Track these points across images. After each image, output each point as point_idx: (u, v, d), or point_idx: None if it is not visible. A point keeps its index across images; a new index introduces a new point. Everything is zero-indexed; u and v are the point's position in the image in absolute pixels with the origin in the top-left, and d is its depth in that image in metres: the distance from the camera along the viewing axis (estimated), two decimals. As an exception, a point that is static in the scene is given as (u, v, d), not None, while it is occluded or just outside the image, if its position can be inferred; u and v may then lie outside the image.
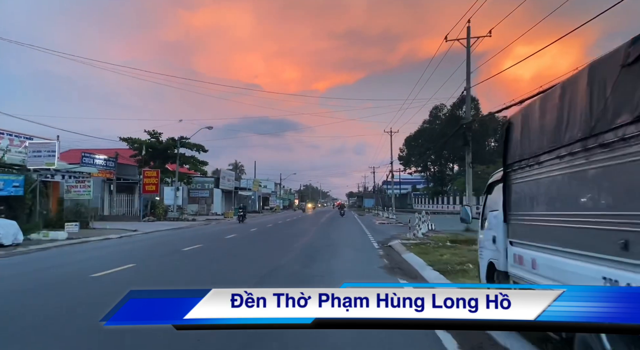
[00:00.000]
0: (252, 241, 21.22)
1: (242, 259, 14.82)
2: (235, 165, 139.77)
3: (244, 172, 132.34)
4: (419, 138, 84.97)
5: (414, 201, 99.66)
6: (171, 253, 15.71)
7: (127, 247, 18.11)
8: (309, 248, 17.30)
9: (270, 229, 29.13)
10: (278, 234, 25.17)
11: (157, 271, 11.65)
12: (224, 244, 19.43)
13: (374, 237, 22.44)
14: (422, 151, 72.45)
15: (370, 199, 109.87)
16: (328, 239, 21.41)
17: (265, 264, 12.50)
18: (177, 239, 21.50)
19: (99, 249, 16.96)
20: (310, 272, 11.09)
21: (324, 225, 33.33)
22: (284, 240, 21.15)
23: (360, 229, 29.63)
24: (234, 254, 15.96)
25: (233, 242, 20.55)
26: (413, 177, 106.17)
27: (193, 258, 14.37)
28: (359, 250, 16.75)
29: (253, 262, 13.47)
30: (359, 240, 21.63)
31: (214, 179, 56.80)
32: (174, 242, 19.88)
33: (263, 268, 11.72)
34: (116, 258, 13.99)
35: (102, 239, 20.38)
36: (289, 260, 13.69)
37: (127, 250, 16.77)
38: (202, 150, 40.67)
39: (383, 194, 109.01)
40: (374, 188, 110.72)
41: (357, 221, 41.75)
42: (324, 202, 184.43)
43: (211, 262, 13.64)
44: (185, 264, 12.92)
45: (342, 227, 31.67)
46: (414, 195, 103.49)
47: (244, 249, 17.64)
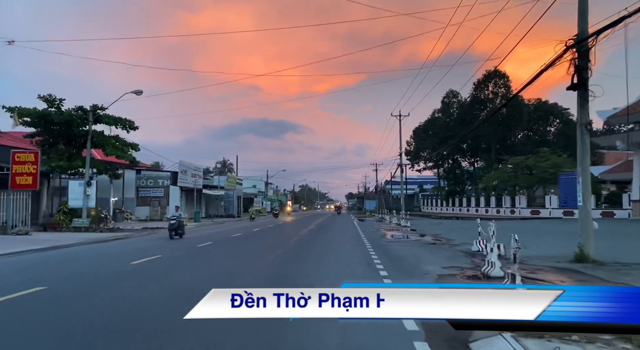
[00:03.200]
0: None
1: None
2: (224, 163, 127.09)
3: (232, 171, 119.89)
4: (429, 129, 72.21)
5: (422, 203, 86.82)
6: None
7: None
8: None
9: (189, 256, 16.48)
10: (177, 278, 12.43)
11: None
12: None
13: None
14: (435, 143, 59.64)
15: (372, 201, 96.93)
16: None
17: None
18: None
19: None
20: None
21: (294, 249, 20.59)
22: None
23: (362, 255, 16.83)
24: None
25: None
26: (420, 177, 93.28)
27: None
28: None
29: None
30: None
31: (170, 174, 43.94)
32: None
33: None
34: None
35: None
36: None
37: None
38: (128, 126, 27.86)
39: (387, 195, 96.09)
40: (376, 188, 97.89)
41: (356, 232, 28.80)
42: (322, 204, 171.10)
43: None
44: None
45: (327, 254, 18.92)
46: (422, 196, 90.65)
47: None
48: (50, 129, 26.01)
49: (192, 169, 47.03)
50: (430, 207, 78.94)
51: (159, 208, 43.52)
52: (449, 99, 70.67)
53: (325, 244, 18.91)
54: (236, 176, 63.54)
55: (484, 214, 51.90)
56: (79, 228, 25.50)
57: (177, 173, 43.51)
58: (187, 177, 45.21)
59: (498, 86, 54.34)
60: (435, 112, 73.05)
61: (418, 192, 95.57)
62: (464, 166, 69.33)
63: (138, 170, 43.56)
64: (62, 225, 25.70)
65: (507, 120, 50.70)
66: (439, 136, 60.51)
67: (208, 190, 48.48)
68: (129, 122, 28.05)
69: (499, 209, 49.24)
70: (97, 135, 26.83)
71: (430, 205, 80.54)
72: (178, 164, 43.78)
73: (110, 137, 27.49)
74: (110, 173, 30.31)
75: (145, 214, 43.46)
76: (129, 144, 28.25)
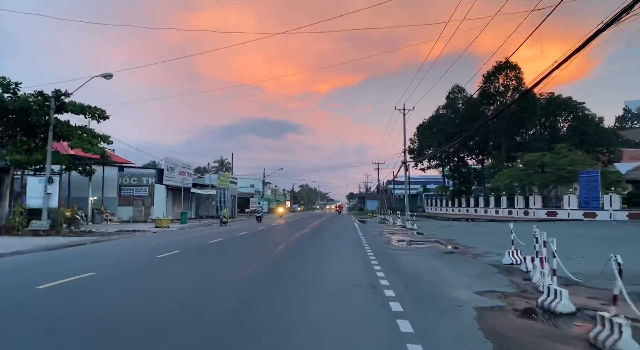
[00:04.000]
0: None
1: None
2: (221, 162, 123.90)
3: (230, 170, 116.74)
4: (433, 126, 68.67)
5: (425, 203, 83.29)
6: None
7: None
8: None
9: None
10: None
11: None
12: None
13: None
14: (441, 140, 56.07)
15: (374, 201, 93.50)
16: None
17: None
18: None
19: None
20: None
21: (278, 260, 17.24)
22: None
23: (364, 271, 13.41)
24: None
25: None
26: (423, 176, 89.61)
27: None
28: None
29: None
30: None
31: (155, 171, 40.52)
32: None
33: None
34: None
35: None
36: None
37: None
38: (98, 115, 24.40)
39: (389, 195, 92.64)
40: (378, 188, 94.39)
41: (356, 237, 25.37)
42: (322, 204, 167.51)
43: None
44: None
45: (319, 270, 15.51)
46: (426, 197, 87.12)
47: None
48: (7, 118, 22.58)
49: (180, 166, 43.62)
50: (435, 208, 75.41)
51: (143, 208, 40.12)
52: (455, 94, 67.23)
53: (318, 254, 15.45)
54: (229, 174, 60.05)
55: (494, 215, 48.44)
56: (37, 231, 22.06)
57: (163, 170, 40.10)
58: (175, 175, 41.82)
59: (509, 78, 50.75)
60: (439, 108, 69.61)
61: (421, 192, 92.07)
62: (470, 165, 65.77)
63: (120, 167, 40.18)
64: (18, 228, 22.28)
65: (520, 115, 47.16)
66: (445, 132, 56.97)
67: (197, 189, 45.01)
68: (99, 110, 24.58)
69: (510, 210, 45.75)
70: (60, 126, 23.37)
71: (434, 206, 77.02)
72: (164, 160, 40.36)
73: (77, 128, 24.02)
74: (81, 169, 26.84)
75: (129, 214, 40.07)
76: (99, 135, 24.76)
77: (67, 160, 24.60)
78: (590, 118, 52.81)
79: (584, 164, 38.18)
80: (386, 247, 17.73)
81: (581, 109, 52.88)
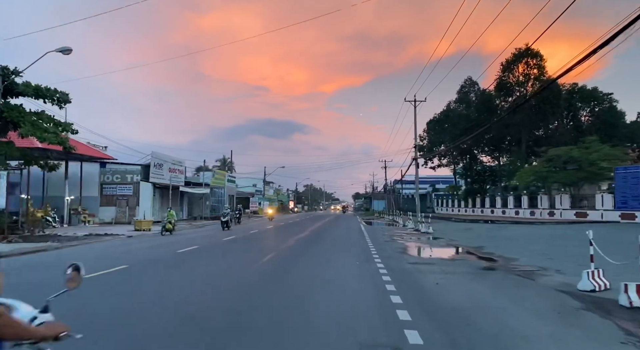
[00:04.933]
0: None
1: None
2: (223, 161, 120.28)
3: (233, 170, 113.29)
4: (445, 121, 64.56)
5: (435, 203, 79.09)
6: None
7: None
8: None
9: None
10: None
11: None
12: None
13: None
14: (455, 135, 51.88)
15: (381, 201, 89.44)
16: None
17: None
18: None
19: None
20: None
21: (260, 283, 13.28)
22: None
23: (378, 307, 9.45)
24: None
25: None
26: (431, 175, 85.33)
27: None
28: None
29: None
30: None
31: (140, 167, 36.75)
32: None
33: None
34: None
35: None
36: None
37: None
38: (58, 99, 20.63)
39: (396, 195, 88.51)
40: (385, 187, 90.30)
41: (362, 244, 21.46)
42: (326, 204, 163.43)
43: None
44: None
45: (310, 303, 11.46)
46: (436, 196, 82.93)
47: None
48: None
49: (170, 163, 39.84)
50: (446, 208, 71.27)
51: (127, 208, 36.38)
52: (467, 87, 63.09)
53: (314, 271, 11.54)
54: (226, 172, 56.21)
55: (515, 216, 44.31)
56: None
57: (149, 167, 36.36)
58: (163, 172, 38.05)
59: (530, 67, 46.45)
60: (450, 103, 65.53)
61: (431, 192, 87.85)
62: (485, 162, 61.56)
63: (102, 163, 36.49)
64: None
65: (543, 106, 42.91)
66: (459, 127, 52.78)
67: (188, 188, 41.18)
68: (60, 93, 20.82)
69: (533, 211, 41.56)
70: (9, 110, 19.59)
71: (445, 206, 72.87)
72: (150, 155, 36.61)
73: (31, 113, 20.23)
74: (43, 163, 23.07)
75: (111, 215, 36.35)
76: (59, 123, 20.98)
77: (19, 152, 20.75)
78: (619, 110, 48.40)
79: (618, 160, 34.00)
80: (402, 258, 13.77)
81: (609, 100, 48.50)
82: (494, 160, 59.89)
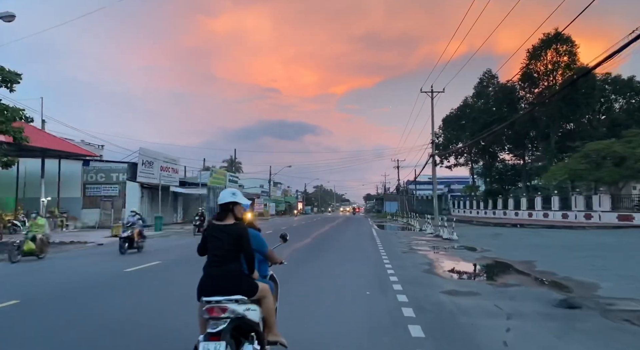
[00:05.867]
0: None
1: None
2: (231, 162, 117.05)
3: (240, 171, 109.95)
4: (462, 118, 60.24)
5: (451, 205, 74.65)
6: None
7: None
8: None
9: None
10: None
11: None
12: None
13: None
14: (475, 130, 47.52)
15: (393, 202, 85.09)
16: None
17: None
18: None
19: None
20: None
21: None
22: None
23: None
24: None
25: None
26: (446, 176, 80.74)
27: None
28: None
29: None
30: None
31: (127, 165, 33.22)
32: None
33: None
34: None
35: None
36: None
37: None
38: (8, 82, 17.05)
39: (410, 196, 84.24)
40: (398, 188, 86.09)
41: (375, 255, 17.40)
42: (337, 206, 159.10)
43: None
44: None
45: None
46: (452, 198, 78.48)
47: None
48: None
49: (161, 160, 36.18)
50: (463, 210, 66.87)
51: (112, 211, 32.81)
52: (487, 81, 58.70)
53: (300, 313, 7.59)
54: (225, 171, 52.44)
55: (543, 219, 39.92)
56: None
57: (137, 165, 32.78)
58: (154, 171, 34.40)
59: (560, 54, 41.99)
60: (467, 98, 61.20)
61: (446, 193, 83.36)
62: (507, 160, 57.05)
63: (85, 160, 33.03)
64: None
65: (575, 97, 38.38)
66: (479, 122, 48.41)
67: (181, 188, 37.44)
68: (7, 73, 17.19)
69: (565, 213, 37.10)
70: None
71: (461, 208, 68.47)
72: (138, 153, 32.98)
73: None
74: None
75: (95, 218, 32.88)
76: (6, 108, 17.31)
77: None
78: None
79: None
80: (432, 283, 9.72)
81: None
82: (517, 158, 55.39)
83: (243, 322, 3.43)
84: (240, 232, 3.56)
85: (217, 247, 3.55)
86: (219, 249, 3.54)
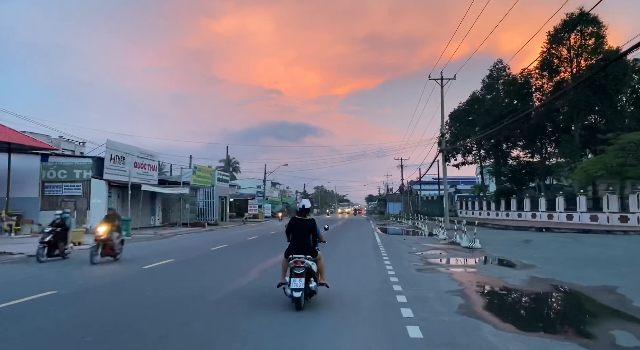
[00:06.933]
0: None
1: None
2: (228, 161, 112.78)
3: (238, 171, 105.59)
4: (471, 112, 55.94)
5: (458, 206, 70.23)
6: None
7: None
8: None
9: None
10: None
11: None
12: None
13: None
14: (487, 123, 43.09)
15: (396, 203, 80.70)
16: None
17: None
18: None
19: None
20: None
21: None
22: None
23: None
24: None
25: None
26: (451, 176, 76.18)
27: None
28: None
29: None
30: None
31: (92, 161, 28.94)
32: None
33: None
34: None
35: None
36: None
37: None
38: None
39: (414, 197, 79.89)
40: (402, 188, 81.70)
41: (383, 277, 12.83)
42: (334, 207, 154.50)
43: None
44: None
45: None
46: (459, 198, 74.01)
47: None
48: None
49: (135, 156, 31.82)
50: (471, 211, 62.41)
51: (76, 213, 28.46)
52: (498, 72, 54.39)
53: None
54: (212, 168, 48.03)
55: (566, 221, 35.50)
56: None
57: (102, 160, 28.47)
58: (125, 167, 30.05)
59: (585, 37, 37.45)
60: (475, 92, 56.95)
61: (453, 193, 78.93)
62: (521, 157, 52.57)
63: (44, 155, 28.76)
64: None
65: (604, 84, 33.88)
66: (492, 114, 44.01)
67: (157, 187, 33.01)
68: None
69: (595, 215, 32.62)
70: None
71: (469, 209, 64.01)
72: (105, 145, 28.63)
73: None
74: None
75: (56, 221, 28.48)
76: None
77: None
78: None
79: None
80: (485, 345, 5.35)
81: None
82: (531, 156, 50.89)
83: (310, 270, 6.92)
84: (313, 224, 7.36)
85: (300, 230, 7.25)
86: (301, 232, 7.23)
